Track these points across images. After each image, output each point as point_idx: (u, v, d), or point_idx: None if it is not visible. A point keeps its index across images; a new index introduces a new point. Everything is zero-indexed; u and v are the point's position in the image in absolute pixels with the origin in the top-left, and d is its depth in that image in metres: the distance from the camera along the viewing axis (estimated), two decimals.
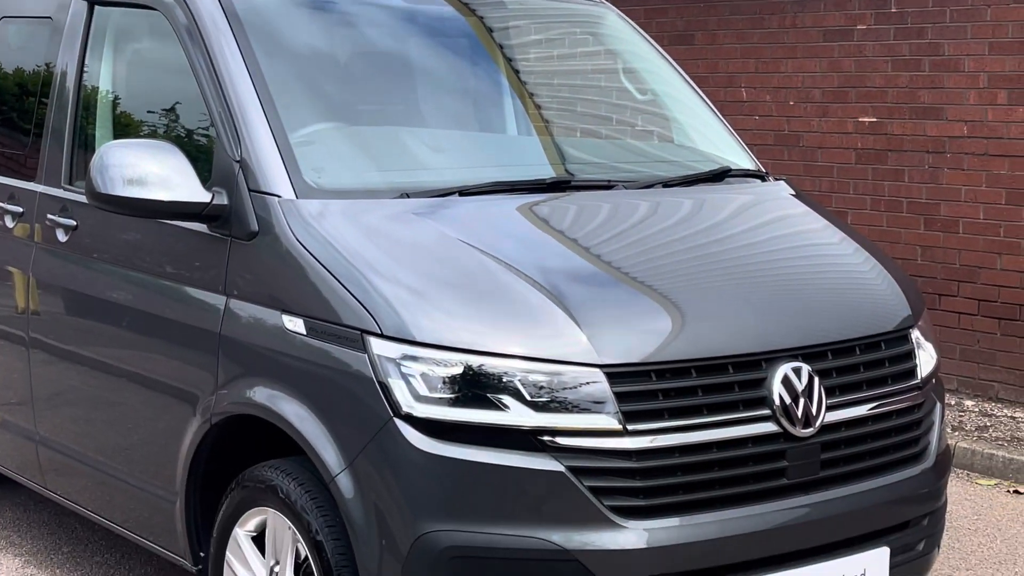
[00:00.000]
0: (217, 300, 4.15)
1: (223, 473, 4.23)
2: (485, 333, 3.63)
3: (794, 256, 4.42)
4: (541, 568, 3.54)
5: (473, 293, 3.76)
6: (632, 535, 3.56)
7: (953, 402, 7.90)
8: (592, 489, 3.54)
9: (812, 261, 4.44)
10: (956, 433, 7.30)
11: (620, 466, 3.57)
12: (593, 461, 3.55)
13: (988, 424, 7.48)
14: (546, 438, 3.54)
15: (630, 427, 3.58)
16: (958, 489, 6.61)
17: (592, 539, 3.54)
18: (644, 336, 3.73)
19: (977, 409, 7.77)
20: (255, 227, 4.04)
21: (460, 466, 3.53)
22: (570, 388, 3.58)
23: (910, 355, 4.17)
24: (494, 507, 3.54)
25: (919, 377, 4.17)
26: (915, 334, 4.24)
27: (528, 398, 3.55)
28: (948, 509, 6.25)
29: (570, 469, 3.53)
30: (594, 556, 3.54)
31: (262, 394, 3.94)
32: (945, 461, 4.29)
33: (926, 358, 4.27)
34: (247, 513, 4.04)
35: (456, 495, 3.55)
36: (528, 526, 3.54)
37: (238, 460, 4.20)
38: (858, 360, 4.01)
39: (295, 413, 3.82)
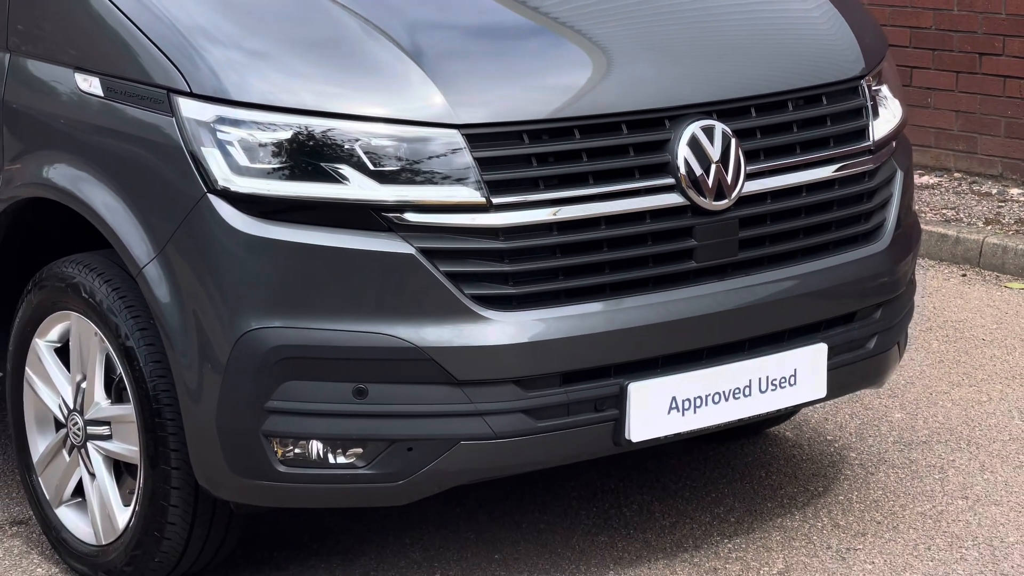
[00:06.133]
0: None
1: (18, 272, 4.55)
2: (317, 91, 3.92)
3: None
4: (389, 369, 3.88)
5: (308, 47, 4.03)
6: (499, 329, 3.89)
7: (995, 191, 8.21)
8: (449, 275, 3.87)
9: None
10: (989, 227, 7.63)
11: (483, 247, 3.89)
12: (450, 242, 3.88)
13: None
14: (392, 215, 3.86)
15: (495, 200, 3.89)
16: (982, 293, 6.97)
17: (450, 334, 3.88)
18: (513, 90, 4.03)
19: None
20: None
21: (288, 249, 3.85)
22: (421, 155, 3.89)
23: (860, 112, 4.47)
24: (331, 298, 3.87)
25: (871, 139, 4.47)
26: (873, 87, 4.53)
27: (371, 167, 3.86)
28: (962, 316, 6.62)
29: (422, 251, 3.86)
30: (452, 354, 3.88)
31: (63, 174, 4.24)
32: (906, 242, 4.61)
33: (886, 116, 4.58)
34: (48, 319, 4.38)
35: (284, 284, 3.87)
36: (372, 320, 3.87)
37: (36, 255, 4.52)
38: (790, 118, 4.31)
39: (104, 203, 4.11)
